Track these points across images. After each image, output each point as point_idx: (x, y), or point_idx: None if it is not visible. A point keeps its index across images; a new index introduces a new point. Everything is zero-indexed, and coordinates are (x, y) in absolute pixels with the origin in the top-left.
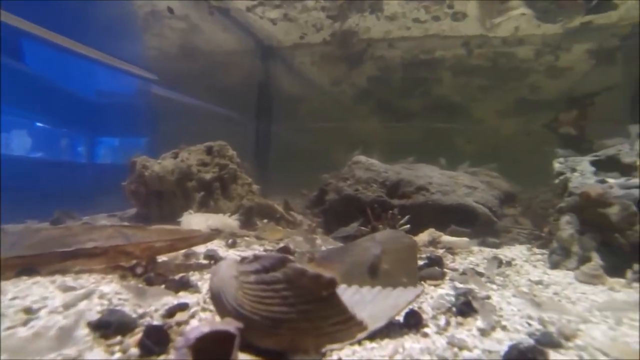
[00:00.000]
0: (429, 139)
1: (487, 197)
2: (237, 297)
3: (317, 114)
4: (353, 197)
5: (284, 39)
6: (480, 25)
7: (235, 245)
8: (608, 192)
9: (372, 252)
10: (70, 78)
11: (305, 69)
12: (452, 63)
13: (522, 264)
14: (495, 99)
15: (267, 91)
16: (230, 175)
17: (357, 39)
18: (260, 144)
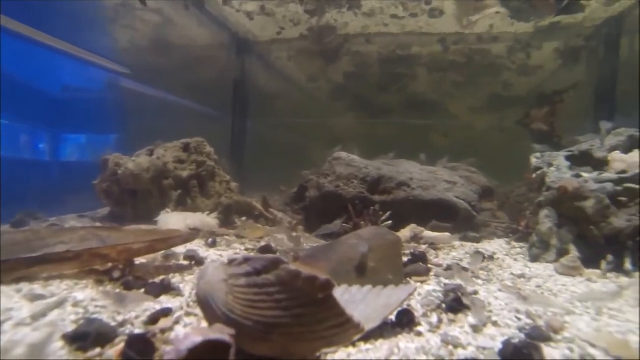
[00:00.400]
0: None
1: (467, 192)
2: (227, 302)
3: (293, 110)
4: (334, 194)
5: (260, 34)
6: (457, 23)
7: (215, 245)
8: (584, 186)
9: (359, 250)
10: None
11: (282, 65)
12: (428, 60)
13: (504, 258)
14: (469, 95)
15: (243, 87)
16: (208, 173)
17: (335, 34)
18: (236, 141)
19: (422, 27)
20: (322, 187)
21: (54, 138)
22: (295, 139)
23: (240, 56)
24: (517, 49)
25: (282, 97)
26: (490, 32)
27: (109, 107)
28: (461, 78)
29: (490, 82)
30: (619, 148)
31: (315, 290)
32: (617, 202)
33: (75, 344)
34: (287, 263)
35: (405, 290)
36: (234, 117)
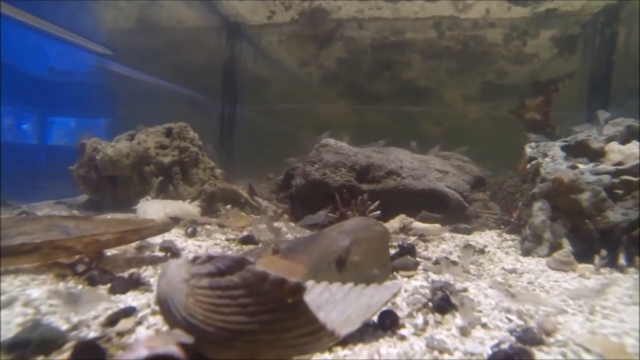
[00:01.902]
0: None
1: (459, 182)
2: (187, 305)
3: (284, 96)
4: (320, 182)
5: (251, 18)
6: (452, 6)
7: (195, 235)
8: (580, 178)
9: (339, 244)
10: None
11: (273, 49)
12: (422, 46)
13: (495, 251)
14: (463, 84)
15: (233, 72)
16: (191, 159)
17: (327, 18)
18: (225, 127)
19: (417, 12)
20: (308, 175)
21: (35, 120)
22: (286, 125)
23: (230, 40)
24: (513, 36)
25: (273, 82)
26: (486, 18)
27: (92, 91)
28: (455, 65)
29: (484, 70)
30: (616, 138)
31: (284, 295)
32: (613, 195)
33: (12, 353)
34: (253, 263)
35: (388, 290)
36: (223, 103)
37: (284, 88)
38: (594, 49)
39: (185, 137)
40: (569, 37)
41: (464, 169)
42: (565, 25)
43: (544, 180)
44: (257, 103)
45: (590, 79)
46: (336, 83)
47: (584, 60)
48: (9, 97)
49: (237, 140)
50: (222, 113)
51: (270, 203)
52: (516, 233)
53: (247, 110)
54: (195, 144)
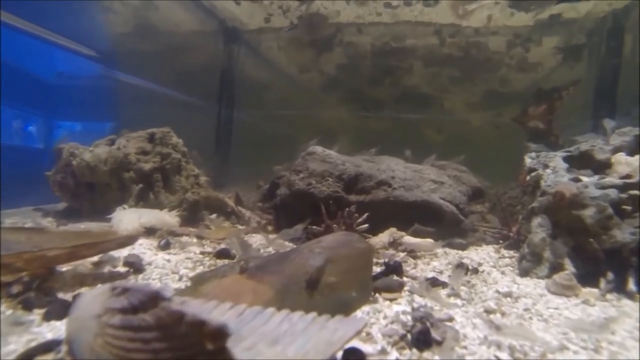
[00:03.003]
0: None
1: (455, 193)
2: (93, 349)
3: (284, 102)
4: (305, 192)
5: (248, 22)
6: (452, 12)
7: (168, 247)
8: (583, 192)
9: (311, 263)
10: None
11: (272, 55)
12: (424, 52)
13: (490, 271)
14: (465, 91)
15: (230, 76)
16: (173, 166)
17: (326, 23)
18: (222, 132)
19: (417, 17)
20: (292, 184)
21: (16, 123)
22: (285, 131)
23: (227, 45)
24: (515, 43)
25: (272, 88)
26: (488, 25)
27: (82, 93)
28: (457, 73)
29: (486, 77)
30: (624, 149)
31: (204, 339)
32: (620, 212)
33: None
34: (169, 299)
35: (352, 326)
36: (220, 108)
37: (284, 93)
38: (599, 57)
39: (168, 142)
40: (574, 46)
41: (460, 180)
42: (570, 34)
43: (544, 193)
44: (255, 108)
45: (596, 87)
46: (337, 89)
47: (590, 68)
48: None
49: (235, 146)
50: (219, 118)
51: (254, 213)
52: (515, 249)
53: (245, 116)
54: (179, 150)
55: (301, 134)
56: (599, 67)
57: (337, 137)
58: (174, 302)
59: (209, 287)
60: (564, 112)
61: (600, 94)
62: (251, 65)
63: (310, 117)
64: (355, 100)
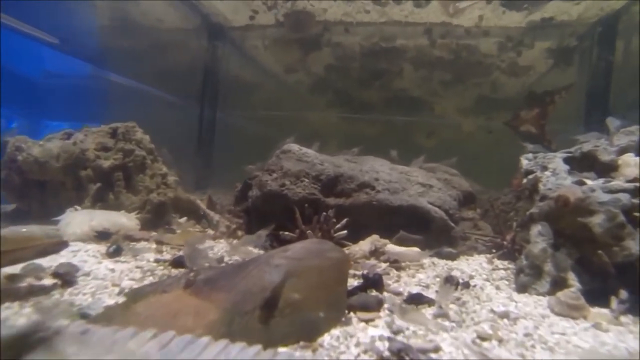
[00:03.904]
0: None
1: (444, 197)
2: None
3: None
4: (278, 194)
5: (233, 18)
6: (443, 11)
7: (119, 254)
8: (590, 196)
9: (267, 279)
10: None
11: (258, 53)
12: (414, 54)
13: (483, 285)
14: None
15: (214, 75)
16: (136, 164)
17: (313, 21)
18: (205, 132)
19: (407, 16)
20: (264, 185)
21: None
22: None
23: (211, 42)
24: (507, 46)
25: (258, 88)
26: (480, 25)
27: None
28: (448, 76)
29: (478, 82)
30: (631, 149)
31: None
32: (632, 219)
33: None
34: None
35: None
36: (202, 107)
37: (270, 94)
38: (590, 61)
39: (131, 138)
40: (565, 49)
41: (451, 183)
42: (561, 37)
43: (544, 198)
44: (240, 109)
45: (588, 91)
46: (325, 91)
47: (581, 73)
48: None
49: (218, 147)
50: (201, 117)
51: (223, 217)
52: (510, 259)
53: (229, 116)
54: (144, 147)
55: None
56: (590, 71)
57: (326, 140)
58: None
59: (144, 305)
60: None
61: (591, 99)
62: (236, 64)
63: (298, 120)
64: (344, 103)
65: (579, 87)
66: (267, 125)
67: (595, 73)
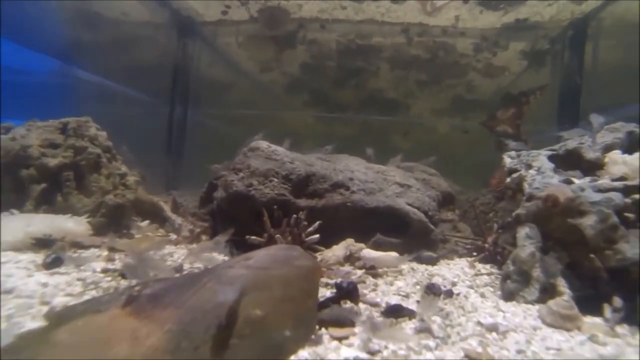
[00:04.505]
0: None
1: (423, 198)
2: None
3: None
4: (244, 195)
5: (204, 12)
6: (421, 8)
7: (59, 264)
8: (580, 196)
9: (220, 299)
10: None
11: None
12: (390, 53)
13: (467, 293)
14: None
15: (184, 72)
16: (89, 162)
17: (288, 17)
18: (175, 132)
19: (384, 14)
20: (230, 185)
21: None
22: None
23: (181, 38)
24: (483, 47)
25: (231, 87)
26: (456, 25)
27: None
28: (425, 77)
29: (453, 83)
30: (616, 147)
31: None
32: (624, 220)
33: None
34: None
35: None
36: (172, 105)
37: (244, 93)
38: (562, 64)
39: (84, 134)
40: (538, 51)
41: (429, 183)
42: (535, 39)
43: (531, 197)
44: (213, 107)
45: (560, 93)
46: (301, 91)
47: (553, 75)
48: None
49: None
50: (171, 116)
51: (186, 220)
52: (492, 262)
53: (201, 115)
54: (99, 144)
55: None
56: (562, 74)
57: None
58: None
59: (69, 329)
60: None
61: (563, 101)
62: (208, 61)
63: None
64: (320, 103)
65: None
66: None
67: (567, 76)
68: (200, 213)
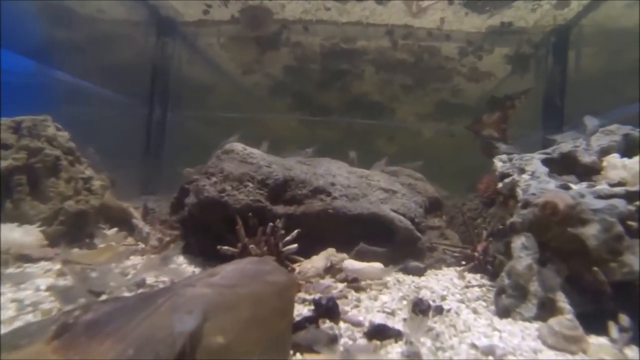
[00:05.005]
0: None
1: (409, 204)
2: None
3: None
4: (216, 202)
5: (184, 12)
6: (406, 9)
7: None
8: (581, 203)
9: (174, 327)
10: None
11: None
12: (375, 56)
13: (458, 308)
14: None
15: (163, 73)
16: (46, 165)
17: (270, 18)
18: (154, 134)
19: (368, 16)
20: (201, 191)
21: None
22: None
23: (161, 38)
24: (468, 51)
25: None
26: (441, 28)
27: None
28: (410, 81)
29: (439, 87)
30: (613, 150)
31: None
32: (628, 229)
33: None
34: None
35: None
36: (151, 107)
37: (228, 96)
38: (546, 70)
39: (40, 134)
40: (522, 57)
41: (415, 188)
42: (519, 44)
43: (527, 205)
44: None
45: (544, 98)
46: (285, 94)
47: (537, 80)
48: None
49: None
50: (150, 119)
51: (154, 228)
52: (482, 272)
53: (182, 117)
54: (58, 146)
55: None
56: (545, 79)
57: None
58: None
59: None
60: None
61: (548, 106)
62: (189, 62)
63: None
64: (304, 106)
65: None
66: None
67: (549, 82)
68: (171, 220)
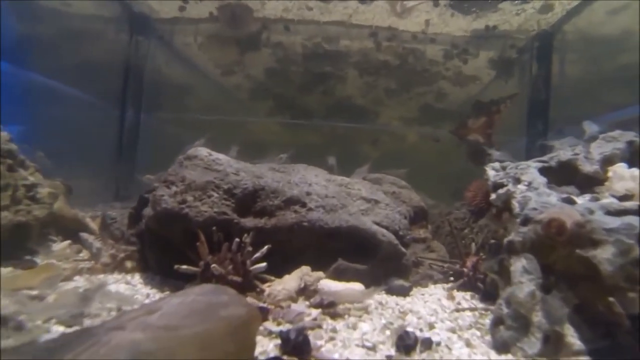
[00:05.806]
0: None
1: (393, 215)
2: None
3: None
4: (176, 214)
5: (159, 8)
6: (390, 9)
7: None
8: (591, 220)
9: None
10: None
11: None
12: (358, 58)
13: (449, 339)
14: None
15: (137, 73)
16: None
17: (250, 16)
18: (127, 137)
19: (351, 14)
20: (159, 202)
21: None
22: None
23: (134, 36)
24: (452, 54)
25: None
26: (426, 30)
27: None
28: (394, 84)
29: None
30: (616, 159)
31: None
32: None
33: None
34: None
35: None
36: (123, 109)
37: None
38: (530, 74)
39: None
40: (507, 61)
41: (400, 197)
42: (503, 48)
43: (527, 221)
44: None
45: (529, 104)
46: (266, 96)
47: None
48: None
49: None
50: (122, 121)
51: (107, 243)
52: (473, 290)
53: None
54: None
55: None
56: (530, 85)
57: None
58: None
59: None
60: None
61: (533, 112)
62: (165, 61)
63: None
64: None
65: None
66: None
67: (535, 87)
68: (128, 234)
